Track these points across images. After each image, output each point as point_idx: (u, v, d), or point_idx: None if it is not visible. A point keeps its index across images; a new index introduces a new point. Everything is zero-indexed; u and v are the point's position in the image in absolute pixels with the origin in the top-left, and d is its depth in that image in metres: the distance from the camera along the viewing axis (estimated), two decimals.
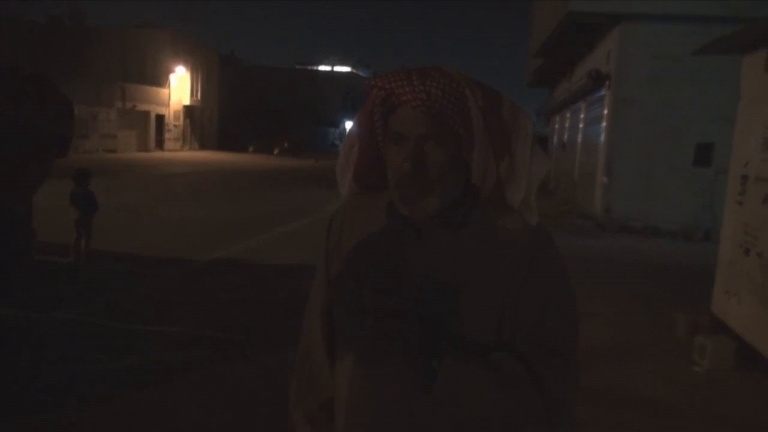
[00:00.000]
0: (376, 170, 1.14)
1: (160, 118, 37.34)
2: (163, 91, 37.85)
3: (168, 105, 38.37)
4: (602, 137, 13.19)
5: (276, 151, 42.97)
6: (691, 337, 4.98)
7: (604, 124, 13.12)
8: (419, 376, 1.01)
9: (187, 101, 40.98)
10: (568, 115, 19.08)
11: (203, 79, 43.82)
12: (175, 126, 39.57)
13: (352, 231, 1.18)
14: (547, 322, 1.07)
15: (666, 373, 4.52)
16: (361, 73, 67.63)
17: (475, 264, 1.08)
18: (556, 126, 22.16)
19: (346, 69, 68.54)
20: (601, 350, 4.93)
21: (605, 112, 13.07)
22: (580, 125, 16.45)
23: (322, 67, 68.16)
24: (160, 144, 37.17)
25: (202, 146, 43.33)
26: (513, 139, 1.07)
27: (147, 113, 35.19)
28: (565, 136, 19.41)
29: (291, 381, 1.31)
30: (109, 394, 3.65)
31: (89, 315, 5.13)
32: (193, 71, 41.72)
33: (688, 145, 11.90)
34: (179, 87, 39.70)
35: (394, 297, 0.98)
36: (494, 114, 1.05)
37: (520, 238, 1.09)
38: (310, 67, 66.45)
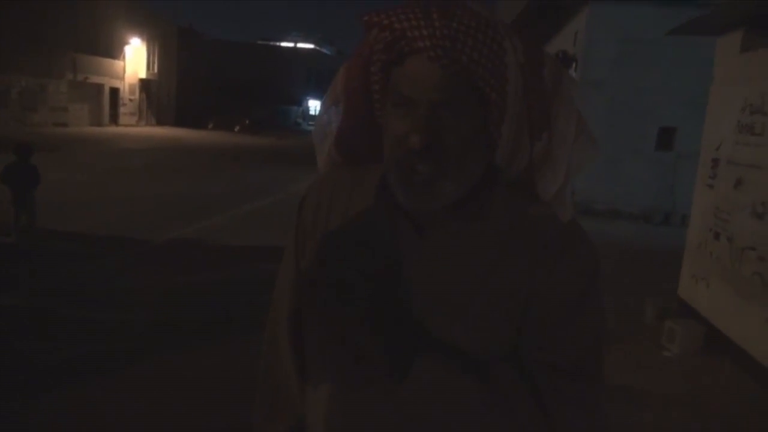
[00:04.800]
0: (366, 137, 0.88)
1: (115, 92, 35.89)
2: (118, 63, 36.36)
3: (123, 78, 36.91)
4: None
5: (237, 129, 41.99)
6: (659, 322, 4.95)
7: None
8: (385, 371, 0.80)
9: (143, 74, 39.52)
10: None
11: (160, 52, 42.28)
12: (130, 100, 38.15)
13: (330, 216, 0.91)
14: (564, 332, 0.83)
15: (636, 358, 4.47)
16: (324, 51, 66.45)
17: (488, 266, 0.83)
18: None
19: (309, 46, 67.19)
20: None
21: None
22: None
23: (285, 44, 66.69)
24: (114, 119, 35.76)
25: (159, 122, 41.96)
26: (554, 111, 0.82)
27: (100, 86, 33.73)
28: None
29: (253, 400, 1.08)
30: (53, 386, 3.36)
31: (33, 300, 4.77)
32: (149, 43, 40.20)
33: (652, 129, 12.01)
34: (135, 59, 38.21)
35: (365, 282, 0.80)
36: (535, 76, 0.78)
37: (547, 234, 0.84)
38: (272, 43, 64.90)
